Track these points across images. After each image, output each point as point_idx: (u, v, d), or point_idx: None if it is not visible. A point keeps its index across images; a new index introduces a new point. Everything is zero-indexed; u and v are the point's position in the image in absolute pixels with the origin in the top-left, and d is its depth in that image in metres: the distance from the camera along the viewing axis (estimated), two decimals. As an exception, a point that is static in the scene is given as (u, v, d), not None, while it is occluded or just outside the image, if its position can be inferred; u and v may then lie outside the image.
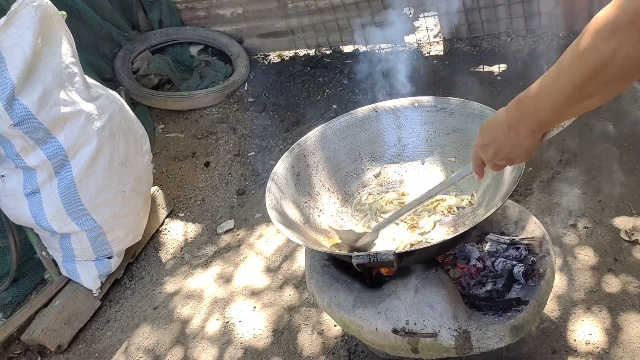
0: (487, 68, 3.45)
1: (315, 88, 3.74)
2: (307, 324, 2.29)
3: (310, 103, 3.64)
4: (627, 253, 2.20)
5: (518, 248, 1.75)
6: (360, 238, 1.71)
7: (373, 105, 2.06)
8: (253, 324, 2.37)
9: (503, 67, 3.40)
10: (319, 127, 2.04)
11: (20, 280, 2.68)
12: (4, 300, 2.58)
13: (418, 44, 3.81)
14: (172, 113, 3.86)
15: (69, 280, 2.65)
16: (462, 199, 1.88)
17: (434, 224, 1.83)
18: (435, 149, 2.00)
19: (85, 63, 3.23)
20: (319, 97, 3.66)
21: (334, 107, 3.53)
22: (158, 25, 4.23)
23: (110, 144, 2.49)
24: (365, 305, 1.62)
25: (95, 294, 2.65)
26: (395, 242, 1.80)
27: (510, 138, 1.17)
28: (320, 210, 1.94)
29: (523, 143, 1.17)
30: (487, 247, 1.81)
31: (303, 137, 2.01)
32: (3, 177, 2.36)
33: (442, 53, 3.70)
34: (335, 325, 2.21)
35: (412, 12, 3.72)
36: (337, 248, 1.78)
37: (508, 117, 1.17)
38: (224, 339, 2.34)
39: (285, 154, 1.95)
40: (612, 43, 0.89)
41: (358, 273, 1.74)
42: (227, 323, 2.41)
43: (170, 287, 2.69)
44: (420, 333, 1.55)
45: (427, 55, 3.71)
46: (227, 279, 2.64)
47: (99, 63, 3.82)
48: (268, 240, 2.79)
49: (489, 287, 1.66)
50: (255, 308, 2.44)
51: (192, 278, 2.71)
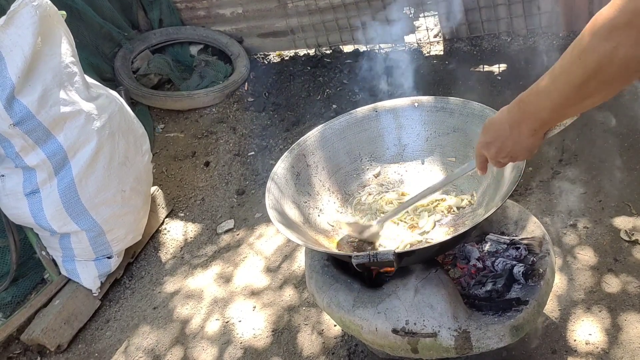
0: (487, 68, 3.44)
1: (315, 88, 3.73)
2: (307, 324, 2.29)
3: (310, 103, 3.64)
4: (627, 253, 2.19)
5: (518, 248, 1.75)
6: (366, 229, 1.75)
7: (373, 105, 2.06)
8: (253, 324, 2.36)
9: (503, 66, 3.40)
10: (319, 126, 2.04)
11: (20, 280, 2.68)
12: (4, 300, 2.58)
13: (418, 44, 3.81)
14: (172, 113, 3.86)
15: (69, 280, 2.65)
16: (462, 199, 1.88)
17: (434, 224, 1.83)
18: (435, 149, 2.00)
19: (85, 63, 3.23)
20: (319, 96, 3.66)
21: (334, 106, 3.53)
22: (158, 25, 4.23)
23: (110, 144, 2.49)
24: (365, 305, 1.62)
25: (95, 294, 2.65)
26: (395, 242, 1.80)
27: (513, 137, 1.19)
28: (320, 210, 1.94)
29: (525, 142, 1.18)
30: (487, 247, 1.81)
31: (303, 137, 2.01)
32: (3, 176, 2.36)
33: (442, 53, 3.70)
34: (335, 325, 2.21)
35: (412, 11, 3.71)
36: (343, 240, 1.80)
37: (510, 116, 1.18)
38: (224, 339, 2.34)
39: (285, 154, 1.95)
40: (610, 43, 0.89)
41: (358, 273, 1.74)
42: (226, 323, 2.41)
43: (170, 287, 2.69)
44: (420, 333, 1.55)
45: (427, 55, 3.71)
46: (227, 279, 2.64)
47: (99, 63, 3.82)
48: (268, 240, 2.79)
49: (489, 287, 1.66)
50: (255, 308, 2.44)
51: (192, 278, 2.71)
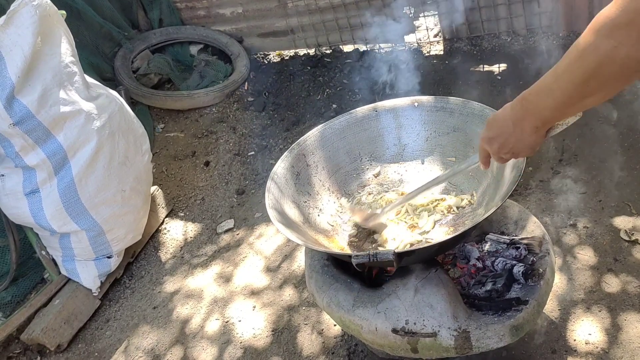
0: (487, 67, 3.44)
1: (315, 87, 3.73)
2: (306, 324, 2.29)
3: (310, 102, 3.64)
4: (627, 253, 2.19)
5: (518, 248, 1.74)
6: (372, 218, 1.79)
7: (373, 105, 2.06)
8: (253, 324, 2.36)
9: (503, 66, 3.40)
10: (319, 126, 2.04)
11: (20, 280, 2.68)
12: (4, 300, 2.59)
13: (418, 44, 3.80)
14: (172, 112, 3.86)
15: (69, 280, 2.65)
16: (462, 199, 1.88)
17: (434, 224, 1.83)
18: (435, 149, 2.00)
19: (85, 62, 3.23)
20: (319, 96, 3.66)
21: (334, 106, 3.53)
22: (158, 25, 4.22)
23: (110, 144, 2.49)
24: (365, 305, 1.62)
25: (95, 294, 2.65)
26: (395, 241, 1.80)
27: (515, 134, 1.19)
28: (320, 210, 1.94)
29: (527, 139, 1.18)
30: (487, 246, 1.81)
31: (303, 136, 2.01)
32: (3, 176, 2.36)
33: (442, 52, 3.69)
34: (335, 325, 2.21)
35: (412, 11, 3.71)
36: (355, 220, 1.85)
37: (513, 113, 1.18)
38: (224, 339, 2.34)
39: (285, 154, 1.95)
40: (611, 42, 0.89)
41: (358, 273, 1.74)
42: (226, 323, 2.41)
43: (170, 286, 2.69)
44: (420, 333, 1.55)
45: (427, 55, 3.71)
46: (226, 279, 2.64)
47: (99, 62, 3.82)
48: (268, 240, 2.79)
49: (489, 286, 1.66)
50: (255, 308, 2.44)
51: (191, 277, 2.71)
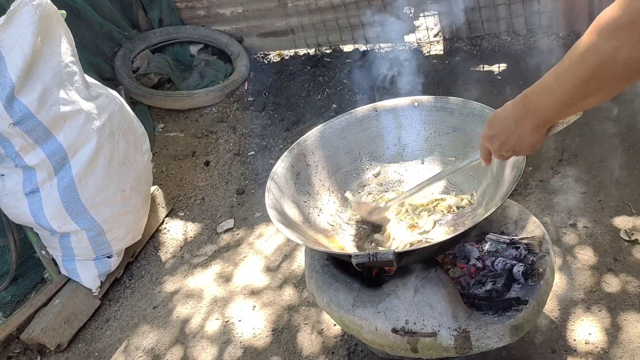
0: (487, 67, 3.44)
1: (315, 87, 3.73)
2: (306, 324, 2.29)
3: (310, 102, 3.64)
4: (626, 253, 2.19)
5: (518, 248, 1.74)
6: (376, 211, 1.80)
7: (373, 105, 2.06)
8: (253, 324, 2.36)
9: (503, 66, 3.40)
10: (319, 126, 2.04)
11: (20, 280, 2.68)
12: (4, 299, 2.59)
13: (418, 44, 3.80)
14: (172, 112, 3.86)
15: (69, 280, 2.65)
16: (461, 199, 1.88)
17: (434, 224, 1.83)
18: (435, 149, 2.00)
19: (85, 62, 3.22)
20: (319, 96, 3.66)
21: (334, 106, 3.53)
22: (158, 24, 4.22)
23: (110, 143, 2.49)
24: (365, 305, 1.62)
25: (95, 293, 2.65)
26: (395, 241, 1.80)
27: (517, 132, 1.20)
28: (320, 210, 1.94)
29: (528, 137, 1.19)
30: (486, 246, 1.81)
31: (303, 136, 2.01)
32: (3, 176, 2.36)
33: (442, 52, 3.69)
34: (335, 325, 2.21)
35: (412, 11, 3.71)
36: (359, 211, 1.87)
37: (514, 111, 1.19)
38: (224, 338, 2.34)
39: (285, 153, 1.95)
40: (613, 43, 0.88)
41: (358, 272, 1.74)
42: (226, 322, 2.41)
43: (170, 286, 2.69)
44: (420, 332, 1.55)
45: (427, 55, 3.71)
46: (226, 279, 2.64)
47: (99, 62, 3.82)
48: (268, 240, 2.79)
49: (489, 286, 1.66)
50: (255, 307, 2.44)
51: (191, 277, 2.71)
